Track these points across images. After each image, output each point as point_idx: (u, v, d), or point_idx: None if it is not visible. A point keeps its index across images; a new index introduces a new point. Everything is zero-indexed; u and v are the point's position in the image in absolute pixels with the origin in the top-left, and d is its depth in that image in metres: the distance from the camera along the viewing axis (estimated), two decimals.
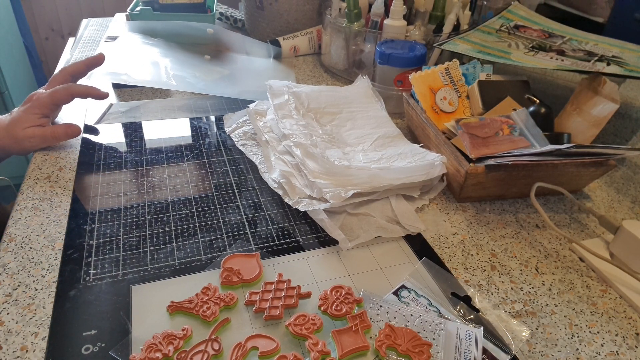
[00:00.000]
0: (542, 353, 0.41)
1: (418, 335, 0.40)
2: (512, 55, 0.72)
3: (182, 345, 0.38)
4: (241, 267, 0.46)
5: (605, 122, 0.61)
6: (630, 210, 0.61)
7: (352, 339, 0.39)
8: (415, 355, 0.38)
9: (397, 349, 0.39)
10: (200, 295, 0.43)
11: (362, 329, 0.40)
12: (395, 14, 0.81)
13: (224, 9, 1.14)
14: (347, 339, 0.39)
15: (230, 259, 0.47)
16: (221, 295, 0.43)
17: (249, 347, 0.38)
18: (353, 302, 0.43)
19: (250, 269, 0.46)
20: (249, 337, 0.39)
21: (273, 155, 0.62)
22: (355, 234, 0.52)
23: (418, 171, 0.57)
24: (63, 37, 2.11)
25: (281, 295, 0.43)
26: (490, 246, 0.53)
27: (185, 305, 0.42)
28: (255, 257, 0.48)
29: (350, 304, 0.42)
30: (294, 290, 0.44)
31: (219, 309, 0.42)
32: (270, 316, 0.41)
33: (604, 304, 0.47)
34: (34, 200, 0.55)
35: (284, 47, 0.98)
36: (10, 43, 1.76)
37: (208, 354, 0.38)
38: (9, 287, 0.44)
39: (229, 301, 0.42)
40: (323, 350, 0.38)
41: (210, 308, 0.42)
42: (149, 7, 0.94)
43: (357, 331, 0.40)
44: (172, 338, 0.38)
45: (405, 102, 0.72)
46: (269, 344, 0.39)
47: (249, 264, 0.47)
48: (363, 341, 0.39)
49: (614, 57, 0.72)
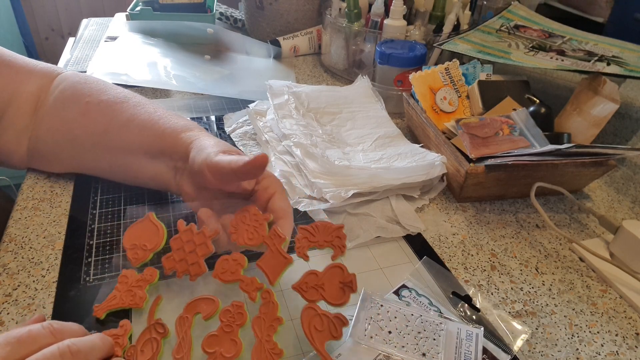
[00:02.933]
0: (542, 353, 0.41)
1: (330, 224, 0.41)
2: (512, 55, 0.72)
3: (126, 343, 0.37)
4: (143, 237, 0.44)
5: (605, 122, 0.61)
6: (630, 210, 0.61)
7: (275, 260, 0.39)
8: (334, 243, 0.39)
9: (317, 246, 0.40)
10: (119, 286, 0.41)
11: (278, 244, 0.40)
12: (395, 14, 0.81)
13: (224, 9, 1.14)
14: (271, 262, 0.39)
15: (129, 236, 0.44)
16: (140, 277, 0.41)
17: (191, 315, 0.38)
18: (263, 221, 0.41)
19: (152, 235, 0.43)
20: (187, 306, 0.39)
21: (273, 155, 0.62)
22: (355, 234, 0.52)
23: (418, 171, 0.57)
24: (63, 37, 2.11)
25: (194, 248, 0.41)
26: (490, 246, 0.53)
27: (111, 302, 0.41)
28: (148, 218, 0.45)
29: (261, 226, 0.41)
30: (203, 237, 0.42)
31: (145, 289, 0.40)
32: (194, 275, 0.40)
33: (604, 304, 0.47)
34: (34, 200, 0.55)
35: (284, 47, 0.98)
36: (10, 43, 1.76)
37: (157, 340, 0.37)
38: (9, 287, 0.44)
39: (150, 278, 0.41)
40: (256, 287, 0.38)
41: (136, 294, 0.40)
42: (149, 7, 0.94)
43: (276, 250, 0.40)
44: (116, 337, 0.37)
45: (405, 102, 0.72)
46: (208, 303, 0.38)
47: (149, 230, 0.44)
48: (284, 257, 0.39)
49: (614, 57, 0.72)
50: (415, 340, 0.39)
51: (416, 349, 0.39)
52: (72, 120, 0.52)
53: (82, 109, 0.52)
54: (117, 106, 0.51)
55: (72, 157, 0.54)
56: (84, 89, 0.53)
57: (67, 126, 0.52)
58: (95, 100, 0.52)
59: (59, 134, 0.53)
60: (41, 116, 0.53)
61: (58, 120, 0.52)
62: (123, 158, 0.51)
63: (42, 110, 0.53)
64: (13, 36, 1.82)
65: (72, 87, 0.53)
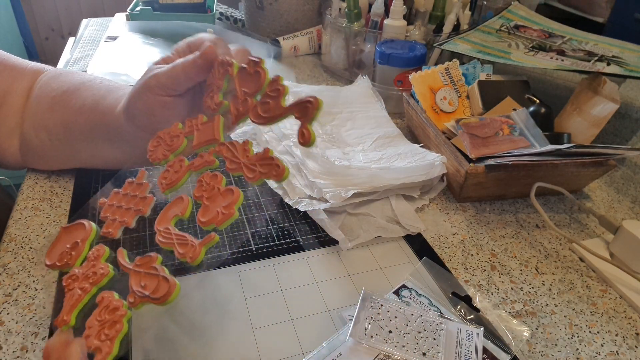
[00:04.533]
0: (542, 353, 0.41)
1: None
2: (512, 55, 0.72)
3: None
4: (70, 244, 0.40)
5: (605, 122, 0.61)
6: (630, 210, 0.61)
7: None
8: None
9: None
10: (72, 284, 0.37)
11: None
12: (395, 14, 0.81)
13: (224, 9, 1.14)
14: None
15: (57, 246, 0.41)
16: (87, 264, 0.37)
17: (170, 224, 0.37)
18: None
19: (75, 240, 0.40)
20: (160, 218, 0.38)
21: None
22: (355, 234, 0.52)
23: (418, 171, 0.57)
24: (63, 37, 2.11)
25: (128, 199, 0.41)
26: (490, 246, 0.53)
27: (72, 301, 0.36)
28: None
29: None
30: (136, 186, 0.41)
31: (102, 261, 0.37)
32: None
33: (604, 304, 0.47)
34: (34, 200, 0.55)
35: (284, 47, 0.98)
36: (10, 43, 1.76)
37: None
38: (9, 287, 0.44)
39: (99, 253, 0.38)
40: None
41: (96, 271, 0.36)
42: (149, 7, 0.94)
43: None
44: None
45: (405, 102, 0.72)
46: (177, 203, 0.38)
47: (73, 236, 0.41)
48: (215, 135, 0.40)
49: (614, 57, 0.72)
50: (415, 340, 0.39)
51: (416, 349, 0.39)
52: (43, 114, 0.53)
53: (49, 103, 0.53)
54: (74, 94, 0.52)
55: (55, 151, 0.55)
56: (53, 84, 0.54)
57: (42, 122, 0.53)
58: (60, 92, 0.53)
59: (39, 130, 0.54)
60: (26, 113, 0.54)
61: (35, 117, 0.54)
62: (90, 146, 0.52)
63: (26, 108, 0.54)
64: (13, 36, 1.82)
65: (45, 84, 0.55)
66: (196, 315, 0.42)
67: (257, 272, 0.47)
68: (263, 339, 0.40)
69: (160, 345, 0.39)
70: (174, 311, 0.42)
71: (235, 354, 0.39)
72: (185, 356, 0.39)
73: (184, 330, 0.41)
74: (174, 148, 0.41)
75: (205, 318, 0.42)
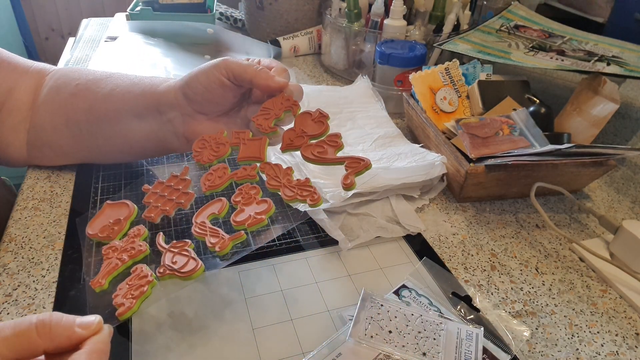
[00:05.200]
0: (542, 353, 0.41)
1: (277, 96, 0.46)
2: (512, 55, 0.72)
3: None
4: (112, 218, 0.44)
5: (605, 122, 0.61)
6: (630, 210, 0.61)
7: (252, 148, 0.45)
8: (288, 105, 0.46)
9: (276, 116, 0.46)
10: (110, 253, 0.41)
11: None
12: (395, 14, 0.81)
13: (224, 9, 1.14)
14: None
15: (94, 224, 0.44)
16: (127, 238, 0.42)
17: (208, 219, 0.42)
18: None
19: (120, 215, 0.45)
20: (198, 214, 0.43)
21: (273, 155, 0.62)
22: (355, 234, 0.52)
23: (418, 171, 0.57)
24: (63, 37, 2.11)
25: (171, 190, 0.45)
26: (490, 246, 0.53)
27: (108, 268, 0.40)
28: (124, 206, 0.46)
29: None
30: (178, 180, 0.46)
31: (141, 240, 0.42)
32: (186, 202, 0.44)
33: (604, 304, 0.47)
34: (34, 200, 0.55)
35: (284, 47, 0.98)
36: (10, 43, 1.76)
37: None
38: (9, 287, 0.44)
39: (139, 233, 0.42)
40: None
41: (135, 247, 0.41)
42: (149, 7, 0.94)
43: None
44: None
45: (405, 102, 0.72)
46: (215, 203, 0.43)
47: (118, 213, 0.45)
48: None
49: (614, 57, 0.72)
50: (415, 340, 0.39)
51: (416, 349, 0.39)
52: (64, 102, 0.54)
53: (72, 90, 0.54)
54: (101, 82, 0.54)
55: (71, 140, 0.55)
56: (74, 74, 0.56)
57: (61, 109, 0.54)
58: (84, 81, 0.55)
59: (57, 118, 0.54)
60: (37, 107, 0.55)
61: (53, 105, 0.54)
62: (113, 127, 0.53)
63: (37, 102, 0.55)
64: (13, 36, 1.82)
65: (64, 75, 0.56)
66: (196, 315, 0.42)
67: (257, 272, 0.47)
68: (263, 339, 0.40)
69: (160, 345, 0.39)
70: (174, 311, 0.42)
71: (235, 354, 0.39)
72: (185, 356, 0.39)
73: (184, 330, 0.41)
74: (219, 154, 0.45)
75: (206, 318, 0.42)
